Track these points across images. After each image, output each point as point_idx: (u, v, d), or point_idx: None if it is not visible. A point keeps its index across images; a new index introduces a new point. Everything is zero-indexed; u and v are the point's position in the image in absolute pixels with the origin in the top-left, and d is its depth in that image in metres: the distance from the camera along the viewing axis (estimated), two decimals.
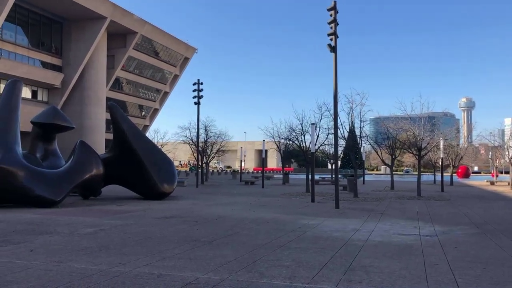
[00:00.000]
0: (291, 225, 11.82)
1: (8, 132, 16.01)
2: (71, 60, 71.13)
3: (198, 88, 34.24)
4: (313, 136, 20.77)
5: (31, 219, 12.54)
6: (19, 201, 15.81)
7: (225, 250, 8.26)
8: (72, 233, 10.08)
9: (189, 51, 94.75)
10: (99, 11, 67.68)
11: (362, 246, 8.85)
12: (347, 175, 50.29)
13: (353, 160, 25.85)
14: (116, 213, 14.50)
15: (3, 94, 17.41)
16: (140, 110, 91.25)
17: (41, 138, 19.20)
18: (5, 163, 15.10)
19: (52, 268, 6.64)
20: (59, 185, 16.24)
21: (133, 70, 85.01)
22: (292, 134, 30.18)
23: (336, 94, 17.89)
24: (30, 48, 67.30)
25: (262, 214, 14.61)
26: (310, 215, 14.51)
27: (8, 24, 61.83)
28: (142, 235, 9.90)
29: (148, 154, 20.07)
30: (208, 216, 13.85)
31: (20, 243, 8.72)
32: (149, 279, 6.07)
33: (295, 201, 20.60)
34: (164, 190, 20.17)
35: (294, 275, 6.43)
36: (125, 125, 20.05)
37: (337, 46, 17.66)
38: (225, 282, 6.00)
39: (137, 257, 7.53)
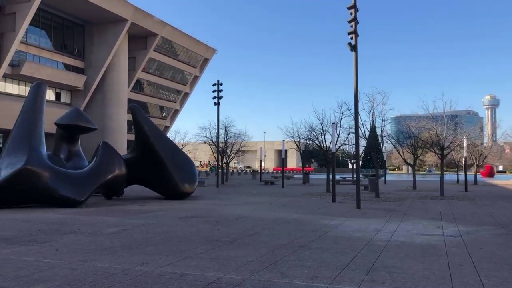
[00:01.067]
0: (312, 225, 11.78)
1: (33, 133, 16.36)
2: (93, 63, 72.29)
3: (218, 89, 34.40)
4: (333, 136, 20.64)
5: (56, 219, 12.79)
6: (44, 201, 16.15)
7: (246, 250, 8.28)
8: (95, 233, 10.24)
9: (208, 52, 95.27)
10: (120, 14, 68.61)
11: (385, 247, 8.76)
12: (368, 174, 49.85)
13: (374, 160, 25.61)
14: (138, 213, 14.68)
15: (28, 97, 17.79)
16: (161, 111, 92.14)
17: (65, 139, 19.57)
18: (31, 164, 15.43)
19: (77, 267, 6.77)
20: (82, 185, 16.51)
21: (154, 71, 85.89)
22: (312, 134, 30.10)
23: (357, 93, 17.75)
24: (54, 51, 68.65)
25: (282, 214, 14.60)
26: (331, 215, 14.43)
27: (32, 28, 63.17)
28: (164, 235, 9.99)
29: (169, 154, 20.25)
30: (228, 216, 13.91)
31: (46, 243, 8.90)
32: (171, 279, 6.13)
33: (315, 201, 20.51)
34: (185, 190, 20.32)
35: (316, 275, 6.41)
36: (147, 126, 20.27)
37: (357, 45, 17.52)
38: (247, 282, 6.01)
39: (159, 256, 7.61)
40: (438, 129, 26.32)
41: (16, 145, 16.03)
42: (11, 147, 16.09)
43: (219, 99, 34.34)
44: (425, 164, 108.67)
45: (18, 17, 57.20)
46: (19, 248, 8.32)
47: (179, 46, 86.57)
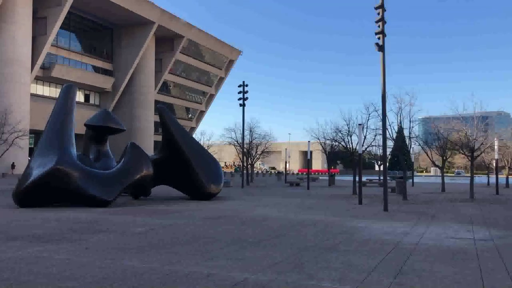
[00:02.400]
0: (338, 227, 11.68)
1: (64, 134, 16.75)
2: (121, 65, 73.60)
3: (243, 90, 34.52)
4: (360, 137, 20.43)
5: (85, 218, 13.05)
6: (73, 201, 16.50)
7: (273, 251, 8.27)
8: (124, 232, 10.41)
9: (234, 54, 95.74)
10: (148, 17, 69.64)
11: (413, 250, 8.61)
12: (395, 176, 49.11)
13: (401, 162, 25.21)
14: (166, 213, 14.85)
15: (59, 98, 18.23)
16: (187, 113, 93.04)
17: (94, 140, 19.96)
18: (61, 164, 15.80)
19: (106, 266, 6.89)
20: (111, 185, 16.80)
21: (180, 73, 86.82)
22: (338, 135, 29.83)
23: (385, 94, 17.53)
24: (83, 54, 70.19)
25: (308, 215, 14.52)
26: (358, 217, 14.27)
27: (62, 31, 64.78)
28: (191, 235, 10.08)
29: (196, 155, 20.43)
30: (254, 217, 13.92)
31: (76, 241, 9.10)
32: (199, 278, 6.17)
33: (341, 203, 20.32)
34: (211, 191, 20.45)
35: (343, 277, 6.35)
36: (174, 127, 20.51)
37: (385, 45, 17.30)
38: (273, 283, 6.01)
39: (186, 256, 7.68)
40: (468, 131, 25.73)
41: (47, 146, 16.45)
42: (43, 147, 16.52)
43: (244, 100, 34.46)
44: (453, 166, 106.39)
45: (49, 21, 58.79)
46: (50, 246, 8.52)
47: (204, 48, 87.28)
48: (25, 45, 56.06)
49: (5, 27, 54.15)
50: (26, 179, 15.75)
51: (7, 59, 54.15)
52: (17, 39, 54.83)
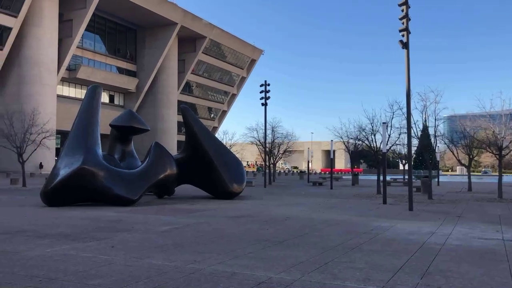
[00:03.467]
0: (362, 227, 11.56)
1: (89, 134, 17.06)
2: (145, 66, 74.53)
3: (266, 90, 34.50)
4: (384, 136, 20.17)
5: (111, 216, 13.26)
6: (99, 200, 16.79)
7: (296, 250, 8.24)
8: (148, 231, 10.53)
9: (255, 53, 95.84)
10: (171, 18, 70.31)
11: (439, 250, 8.46)
12: (420, 176, 48.37)
13: (427, 160, 24.80)
14: (189, 212, 14.97)
15: (85, 99, 18.57)
16: (209, 112, 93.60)
17: (119, 140, 20.27)
18: (87, 164, 16.09)
19: (131, 264, 6.98)
20: (136, 184, 17.03)
21: (203, 73, 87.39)
22: (361, 134, 29.53)
23: (409, 91, 17.27)
24: (107, 55, 71.35)
25: (331, 215, 14.43)
26: (382, 217, 14.11)
27: (87, 33, 65.98)
28: (214, 234, 10.13)
29: (218, 154, 20.53)
30: (277, 216, 13.91)
31: (102, 239, 9.25)
32: (222, 277, 6.20)
33: (365, 202, 20.12)
34: (234, 190, 20.52)
35: (368, 277, 6.28)
36: (197, 127, 20.65)
37: (409, 42, 17.05)
38: (297, 282, 5.99)
39: (210, 255, 7.72)
40: (496, 129, 25.11)
41: (73, 146, 16.78)
42: (69, 147, 16.86)
43: (266, 100, 34.44)
44: (480, 165, 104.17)
45: (75, 23, 59.96)
46: (77, 244, 8.69)
47: (226, 48, 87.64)
48: (52, 47, 57.31)
49: (32, 30, 55.47)
50: (54, 178, 16.10)
51: (35, 61, 55.47)
52: (43, 42, 56.11)
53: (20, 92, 55.00)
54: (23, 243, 8.68)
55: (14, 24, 53.45)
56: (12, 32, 53.66)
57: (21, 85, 55.32)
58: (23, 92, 54.92)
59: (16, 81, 55.66)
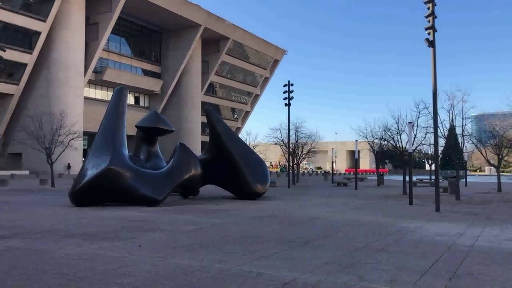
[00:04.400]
0: (388, 228, 11.42)
1: (116, 136, 17.35)
2: (169, 67, 75.34)
3: (289, 90, 34.43)
4: (410, 136, 19.88)
5: (137, 216, 13.46)
6: (125, 200, 17.05)
7: (321, 251, 8.20)
8: (174, 231, 10.65)
9: (278, 53, 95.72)
10: (194, 19, 70.88)
11: (468, 252, 8.29)
12: (447, 176, 47.46)
13: (454, 161, 24.32)
14: (214, 212, 15.06)
15: (111, 101, 18.89)
16: (232, 113, 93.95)
17: (145, 141, 20.55)
18: (114, 165, 16.37)
19: (158, 263, 7.07)
20: (161, 185, 17.24)
21: (226, 74, 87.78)
22: (387, 134, 29.19)
23: (436, 90, 16.98)
24: (133, 58, 72.42)
25: (357, 216, 14.30)
26: (409, 218, 13.90)
27: (113, 36, 67.08)
28: (239, 234, 10.17)
29: (242, 155, 20.59)
30: (301, 217, 13.86)
31: (129, 239, 9.39)
32: (248, 277, 6.22)
33: (391, 203, 19.87)
34: (258, 190, 20.55)
35: (395, 279, 6.20)
36: (221, 128, 20.76)
37: (435, 40, 16.76)
38: (323, 283, 5.96)
39: (235, 255, 7.75)
40: None
41: (100, 147, 17.09)
42: (96, 148, 17.18)
43: (289, 100, 34.37)
44: (510, 165, 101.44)
45: (101, 27, 61.07)
46: (105, 243, 8.85)
47: (250, 49, 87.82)
48: (79, 50, 58.51)
49: (60, 33, 56.75)
50: (81, 179, 16.43)
51: (62, 64, 56.73)
52: (71, 45, 57.32)
53: (48, 94, 56.33)
54: (53, 242, 8.89)
55: (43, 29, 54.78)
56: (41, 36, 55.01)
57: (50, 87, 56.67)
58: (52, 94, 56.23)
59: (45, 83, 57.04)
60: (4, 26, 51.93)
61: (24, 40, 54.08)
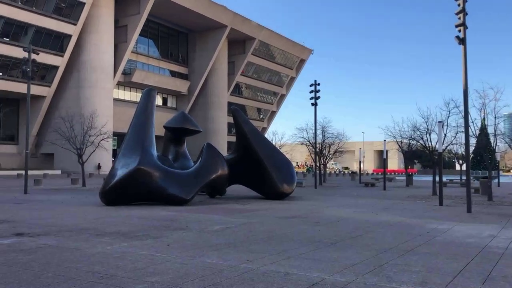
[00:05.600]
0: (418, 229, 11.23)
1: (145, 136, 17.62)
2: (196, 68, 76.05)
3: (315, 89, 34.23)
4: (440, 135, 19.49)
5: (165, 215, 13.64)
6: (154, 199, 17.29)
7: (349, 252, 8.13)
8: (202, 230, 10.74)
9: (305, 53, 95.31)
10: (221, 20, 71.31)
11: (502, 254, 8.07)
12: (478, 176, 46.29)
13: (486, 160, 23.71)
14: (241, 211, 15.12)
15: (140, 102, 19.18)
16: (258, 113, 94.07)
17: (173, 141, 20.80)
18: (143, 165, 16.63)
19: (187, 262, 7.15)
20: (189, 184, 17.41)
21: (252, 75, 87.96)
22: (416, 133, 28.66)
23: (466, 89, 16.59)
24: (160, 59, 73.42)
25: (385, 217, 14.11)
26: (439, 219, 13.63)
27: (141, 38, 68.16)
28: (266, 234, 10.18)
29: (269, 155, 20.59)
30: (329, 217, 13.77)
31: (158, 238, 9.53)
32: (276, 277, 6.22)
33: (420, 204, 19.52)
34: (284, 191, 20.51)
35: (426, 281, 6.10)
36: (247, 128, 20.82)
37: (466, 38, 16.39)
38: (351, 284, 5.91)
39: (263, 255, 7.77)
40: None
41: (130, 147, 17.39)
42: (126, 149, 17.48)
43: (316, 100, 34.18)
44: None
45: (129, 29, 62.14)
46: (135, 242, 9.01)
47: (275, 49, 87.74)
48: (108, 52, 59.68)
49: (90, 36, 58.03)
50: (111, 179, 16.74)
51: (92, 66, 57.99)
52: (101, 48, 58.53)
53: (79, 96, 57.67)
54: (84, 241, 9.10)
55: (74, 32, 56.13)
56: (72, 39, 56.37)
57: (80, 89, 58.00)
58: (82, 95, 57.54)
59: (75, 85, 58.42)
60: (37, 30, 53.43)
61: (55, 43, 55.53)
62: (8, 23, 51.45)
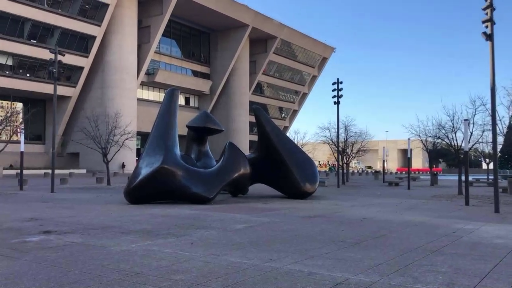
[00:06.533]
0: (443, 229, 11.04)
1: (168, 135, 17.81)
2: (218, 68, 76.45)
3: (338, 88, 33.97)
4: (466, 133, 19.09)
5: (189, 214, 13.75)
6: (177, 198, 17.46)
7: (374, 252, 8.05)
8: (225, 229, 10.79)
9: (327, 51, 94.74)
10: (242, 20, 71.48)
11: None
12: (506, 176, 45.24)
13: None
14: (263, 210, 15.13)
15: (164, 102, 19.38)
16: (280, 112, 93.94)
17: (195, 140, 20.95)
18: (167, 164, 16.80)
19: (210, 261, 7.19)
20: (212, 183, 17.51)
21: (273, 73, 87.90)
22: (441, 132, 28.16)
23: (494, 86, 16.21)
24: (183, 59, 74.05)
25: (410, 216, 13.91)
26: (465, 219, 13.37)
27: (164, 39, 68.87)
28: (289, 233, 10.16)
29: (291, 154, 20.53)
30: (352, 217, 13.66)
31: (182, 236, 9.61)
32: (299, 277, 6.20)
33: (446, 204, 19.18)
34: (307, 190, 20.42)
35: (453, 282, 5.99)
36: (269, 127, 20.80)
37: (493, 34, 16.01)
38: (376, 284, 5.85)
39: (286, 254, 7.75)
40: None
41: (154, 146, 17.59)
42: (150, 148, 17.69)
43: (338, 98, 33.91)
44: None
45: (152, 30, 62.89)
46: (159, 240, 9.10)
47: (297, 47, 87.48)
48: (132, 53, 60.52)
49: (114, 37, 58.95)
50: (136, 177, 16.97)
51: (116, 67, 58.90)
52: (124, 48, 59.40)
53: (103, 96, 58.65)
54: (110, 239, 9.25)
55: (98, 33, 57.11)
56: (96, 40, 57.36)
57: (105, 89, 58.98)
58: (107, 96, 58.50)
59: (100, 85, 59.44)
60: (63, 32, 54.55)
61: (80, 44, 56.60)
62: (35, 25, 52.70)
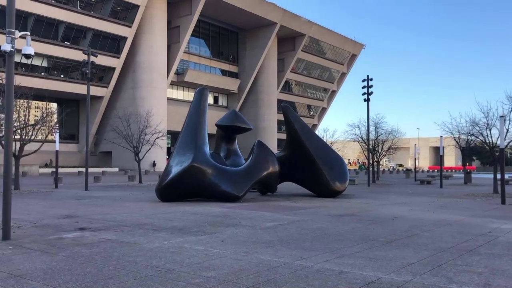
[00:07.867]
0: (478, 229, 10.77)
1: (198, 134, 18.00)
2: (246, 67, 76.68)
3: (368, 85, 33.55)
4: (501, 130, 18.55)
5: (219, 212, 13.87)
6: (207, 196, 17.64)
7: (406, 251, 7.93)
8: (254, 227, 10.83)
9: (356, 48, 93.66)
10: (270, 18, 71.45)
11: None
12: None
13: None
14: (292, 209, 15.11)
15: (193, 101, 19.59)
16: (308, 110, 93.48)
17: (224, 139, 21.11)
18: (197, 162, 16.99)
19: (241, 258, 7.24)
20: (241, 181, 17.60)
21: (302, 71, 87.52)
22: (475, 129, 27.44)
23: None
24: (212, 58, 74.63)
25: (443, 215, 13.63)
26: (502, 218, 13.00)
27: (193, 39, 69.56)
28: (319, 232, 10.11)
29: (320, 152, 20.40)
30: (383, 215, 13.48)
31: (212, 234, 9.71)
32: (330, 275, 6.18)
33: (480, 202, 18.69)
34: (336, 188, 20.25)
35: (489, 283, 5.84)
36: (298, 125, 20.73)
37: None
38: (409, 284, 5.77)
39: (316, 252, 7.73)
40: None
41: (184, 145, 17.82)
42: (180, 147, 17.93)
43: (368, 95, 33.49)
44: None
45: (181, 30, 63.64)
46: (190, 237, 9.23)
47: (326, 45, 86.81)
48: (162, 53, 61.40)
49: (144, 38, 59.94)
50: (167, 176, 17.23)
51: (146, 67, 59.89)
52: (154, 49, 60.32)
53: (135, 96, 59.74)
54: (142, 236, 9.43)
55: (129, 34, 58.19)
56: (127, 41, 58.47)
57: (136, 89, 60.06)
58: (138, 95, 59.56)
59: (131, 85, 60.57)
60: (95, 33, 55.82)
61: (112, 45, 57.79)
62: (68, 27, 54.13)
